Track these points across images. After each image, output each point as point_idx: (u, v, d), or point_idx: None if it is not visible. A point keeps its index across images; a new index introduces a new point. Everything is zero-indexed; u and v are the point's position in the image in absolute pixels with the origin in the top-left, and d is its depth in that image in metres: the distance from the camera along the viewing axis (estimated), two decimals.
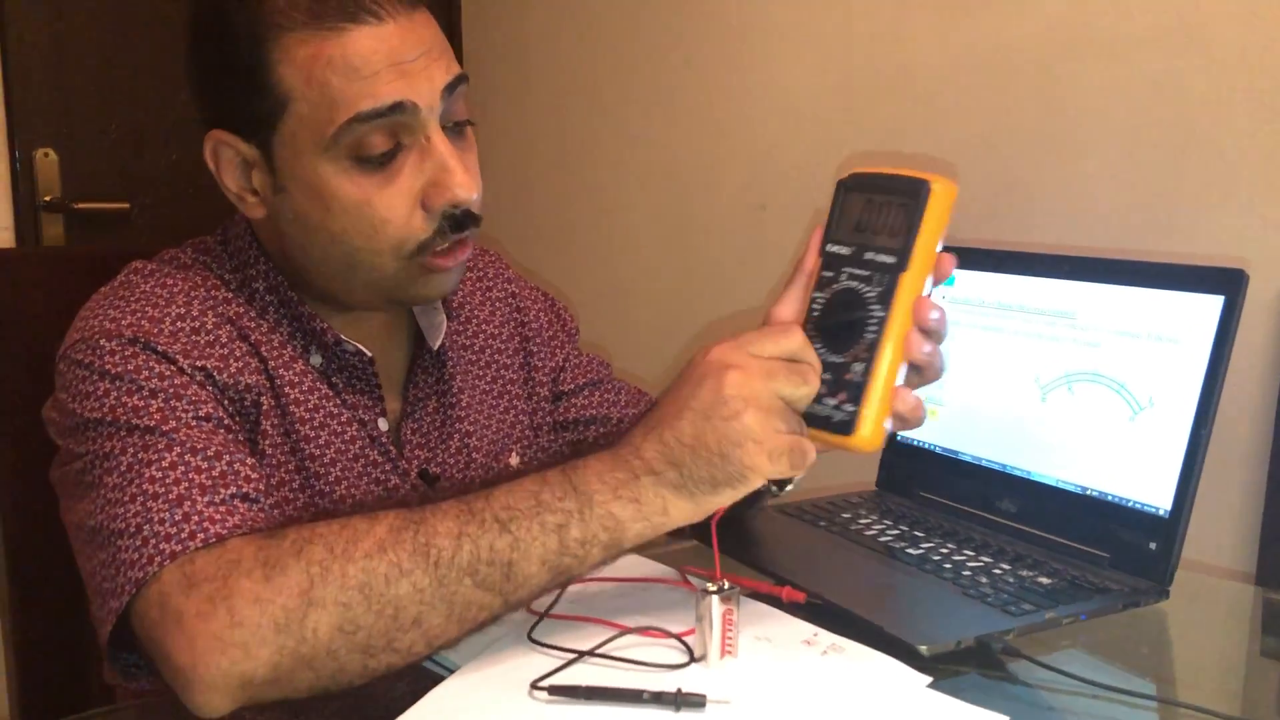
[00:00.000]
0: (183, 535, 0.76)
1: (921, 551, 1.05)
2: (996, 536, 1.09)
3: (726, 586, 0.80)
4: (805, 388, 0.74)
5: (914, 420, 0.77)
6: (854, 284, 0.71)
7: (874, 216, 0.71)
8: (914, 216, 0.69)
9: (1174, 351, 1.00)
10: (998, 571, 1.00)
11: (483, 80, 2.46)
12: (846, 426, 0.73)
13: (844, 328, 0.71)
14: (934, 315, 0.74)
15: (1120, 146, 1.49)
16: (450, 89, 0.89)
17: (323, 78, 0.85)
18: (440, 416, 1.05)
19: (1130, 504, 1.01)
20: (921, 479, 1.20)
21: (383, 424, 1.00)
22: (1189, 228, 1.44)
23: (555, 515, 0.75)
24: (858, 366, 0.71)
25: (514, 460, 1.09)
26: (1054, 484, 1.07)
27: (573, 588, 0.87)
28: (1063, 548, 1.04)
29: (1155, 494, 0.99)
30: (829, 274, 0.74)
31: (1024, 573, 0.99)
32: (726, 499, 0.75)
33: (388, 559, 0.73)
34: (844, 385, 0.72)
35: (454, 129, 0.91)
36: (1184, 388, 0.98)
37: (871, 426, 0.73)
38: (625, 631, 0.84)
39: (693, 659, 0.81)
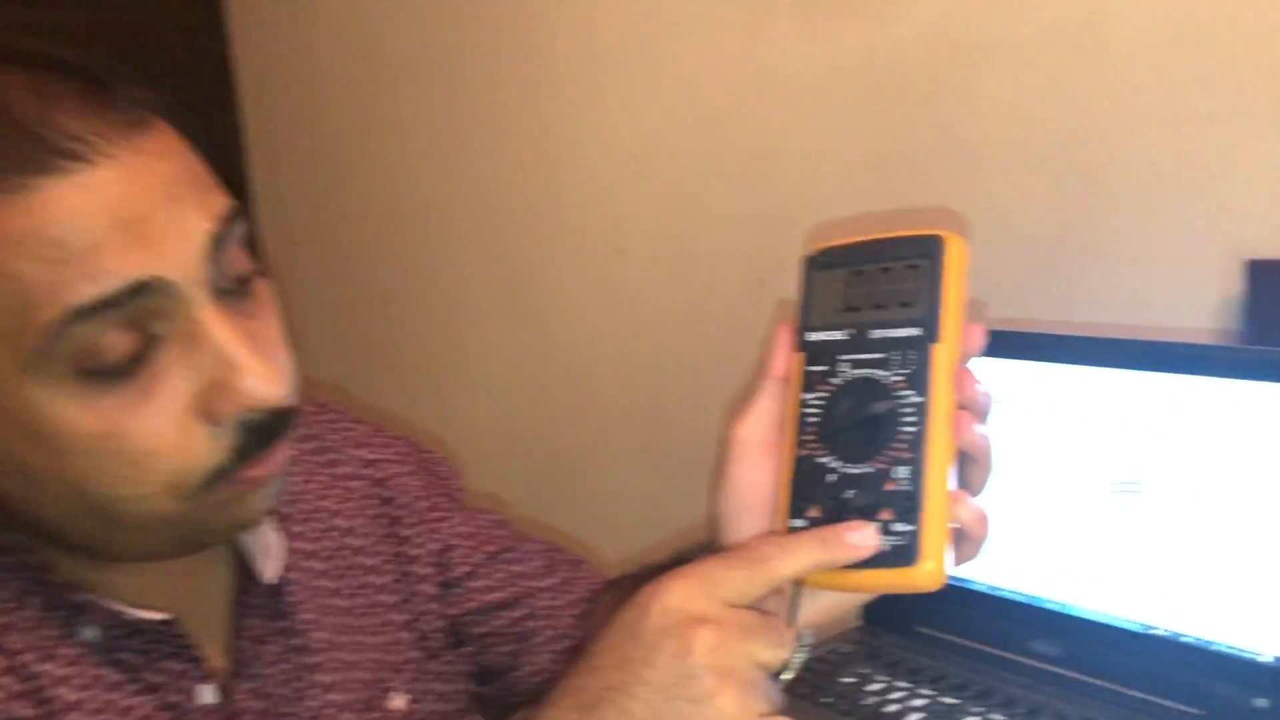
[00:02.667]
0: None
1: None
2: (1037, 690, 0.86)
3: None
4: (782, 650, 0.56)
5: (979, 536, 0.59)
6: (866, 372, 0.59)
7: (871, 289, 0.60)
8: (934, 276, 0.58)
9: (1255, 453, 0.79)
10: None
11: (264, 122, 2.13)
12: (906, 555, 0.56)
13: (866, 428, 0.58)
14: (979, 387, 0.58)
15: (1024, 158, 1.30)
16: (219, 240, 0.59)
17: (8, 266, 0.54)
18: (287, 664, 0.75)
19: (1223, 650, 0.79)
20: (923, 609, 0.96)
21: (205, 694, 0.69)
22: (1109, 245, 1.26)
23: None
24: (901, 471, 0.56)
25: (399, 702, 0.80)
26: (1111, 623, 0.84)
27: None
28: (1131, 702, 0.81)
29: (1257, 635, 0.77)
30: (819, 369, 0.61)
31: None
32: None
33: None
34: (885, 501, 0.56)
35: (233, 292, 0.61)
36: (1270, 499, 0.77)
37: (938, 547, 0.56)
38: None
39: None
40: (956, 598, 0.94)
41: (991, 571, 0.92)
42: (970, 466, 0.58)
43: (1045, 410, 0.89)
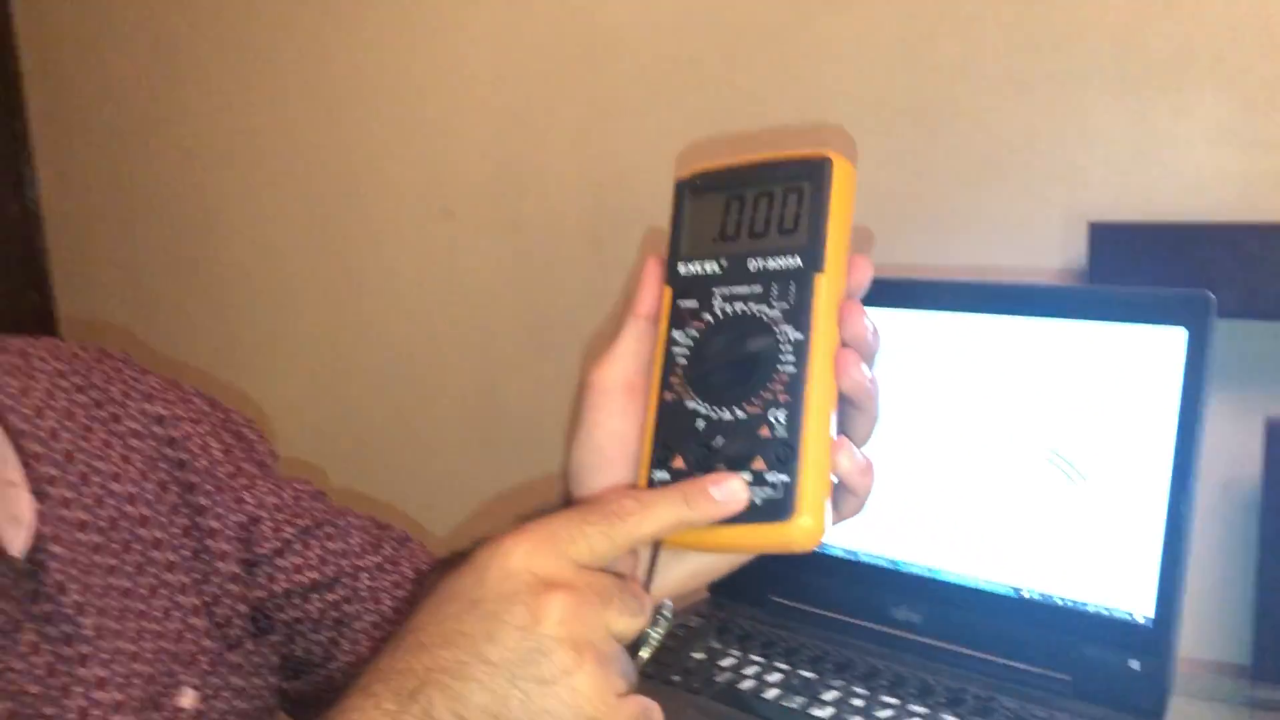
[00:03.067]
0: None
1: (804, 699, 0.76)
2: (898, 659, 0.80)
3: None
4: (640, 619, 0.49)
5: (863, 490, 0.52)
6: (742, 306, 0.54)
7: (750, 216, 0.55)
8: (819, 201, 0.53)
9: (1127, 401, 0.75)
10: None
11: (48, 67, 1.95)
12: (781, 509, 0.50)
13: (740, 369, 0.53)
14: (867, 324, 0.52)
15: (872, 120, 1.26)
16: None
17: None
18: (46, 657, 0.62)
19: (1096, 611, 0.75)
20: (776, 577, 0.89)
21: None
22: (955, 208, 1.23)
23: None
24: (778, 416, 0.51)
25: (187, 700, 0.69)
26: (974, 586, 0.79)
27: None
28: (997, 670, 0.77)
29: (1129, 595, 0.74)
30: (690, 304, 0.55)
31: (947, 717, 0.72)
32: None
33: None
34: (759, 448, 0.51)
35: None
36: (1147, 451, 0.74)
37: (816, 500, 0.50)
38: None
39: None
40: (812, 564, 0.88)
41: (849, 535, 0.87)
42: (854, 412, 0.52)
43: (904, 359, 0.84)
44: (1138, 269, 1.01)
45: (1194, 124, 1.15)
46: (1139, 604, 0.74)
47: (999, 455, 0.80)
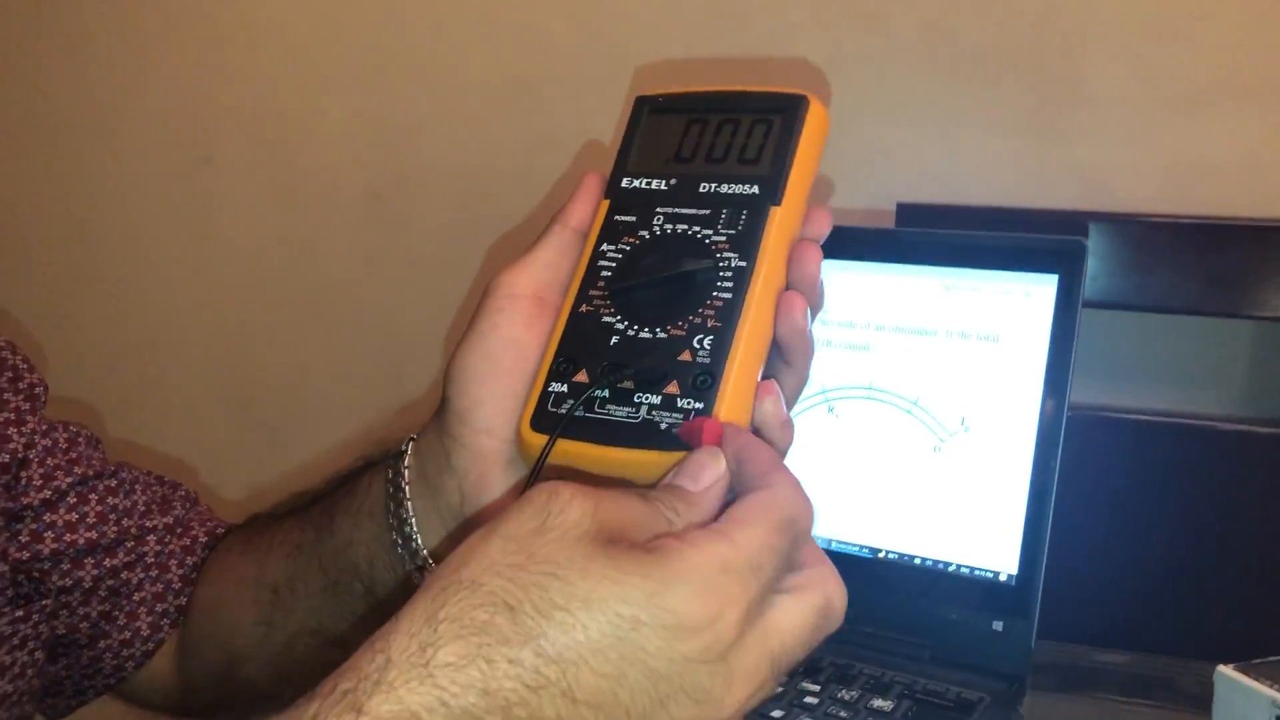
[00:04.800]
0: None
1: None
2: None
3: None
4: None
5: (783, 444, 0.47)
6: (685, 227, 0.50)
7: (710, 141, 0.52)
8: (788, 136, 0.50)
9: (993, 354, 0.74)
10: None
11: None
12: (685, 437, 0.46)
13: (671, 287, 0.48)
14: (818, 270, 0.48)
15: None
16: None
17: None
18: None
19: (956, 570, 0.73)
20: None
21: None
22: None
23: None
24: (704, 341, 0.46)
25: None
26: (828, 548, 0.76)
27: None
28: (857, 636, 0.74)
29: (992, 553, 0.72)
30: (627, 219, 0.51)
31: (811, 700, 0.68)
32: None
33: None
34: (675, 372, 0.47)
35: None
36: (1013, 402, 0.72)
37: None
38: None
39: None
40: None
41: None
42: (783, 367, 0.48)
43: None
44: None
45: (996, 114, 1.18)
46: (1002, 562, 0.71)
47: (857, 409, 0.76)
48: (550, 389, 0.46)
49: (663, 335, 0.47)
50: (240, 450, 1.41)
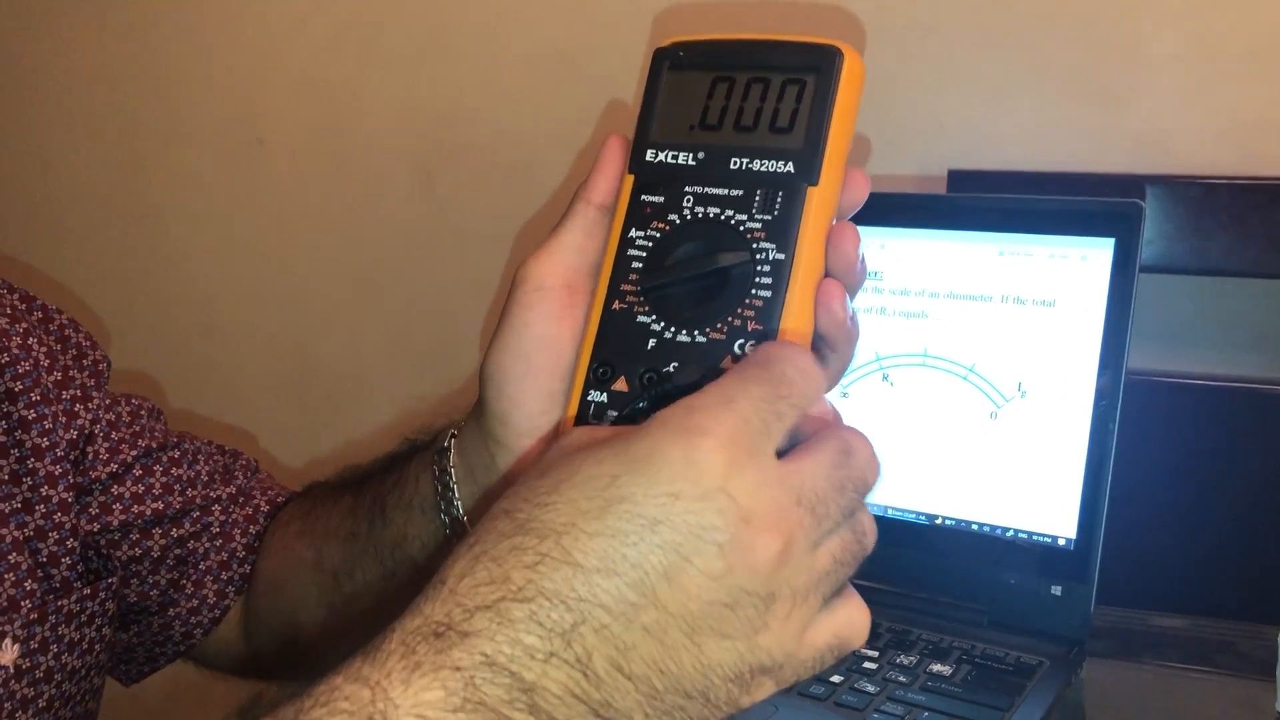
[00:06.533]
0: None
1: None
2: None
3: None
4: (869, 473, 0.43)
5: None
6: (717, 210, 0.47)
7: (739, 104, 0.48)
8: (823, 99, 0.47)
9: (1049, 320, 0.73)
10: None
11: None
12: None
13: (707, 285, 0.46)
14: (858, 252, 0.45)
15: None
16: None
17: None
18: None
19: (1014, 535, 0.73)
20: None
21: None
22: None
23: None
24: (747, 348, 0.45)
25: (5, 656, 0.56)
26: (885, 515, 0.76)
27: None
28: (915, 602, 0.74)
29: (1050, 518, 0.72)
30: (655, 199, 0.48)
31: (870, 665, 0.68)
32: None
33: None
34: None
35: None
36: (1070, 368, 0.72)
37: None
38: None
39: None
40: None
41: None
42: (826, 353, 0.45)
43: None
44: None
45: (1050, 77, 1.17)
46: (1060, 527, 0.71)
47: (912, 376, 0.76)
48: (589, 398, 0.45)
49: (701, 339, 0.45)
50: (297, 421, 1.44)
